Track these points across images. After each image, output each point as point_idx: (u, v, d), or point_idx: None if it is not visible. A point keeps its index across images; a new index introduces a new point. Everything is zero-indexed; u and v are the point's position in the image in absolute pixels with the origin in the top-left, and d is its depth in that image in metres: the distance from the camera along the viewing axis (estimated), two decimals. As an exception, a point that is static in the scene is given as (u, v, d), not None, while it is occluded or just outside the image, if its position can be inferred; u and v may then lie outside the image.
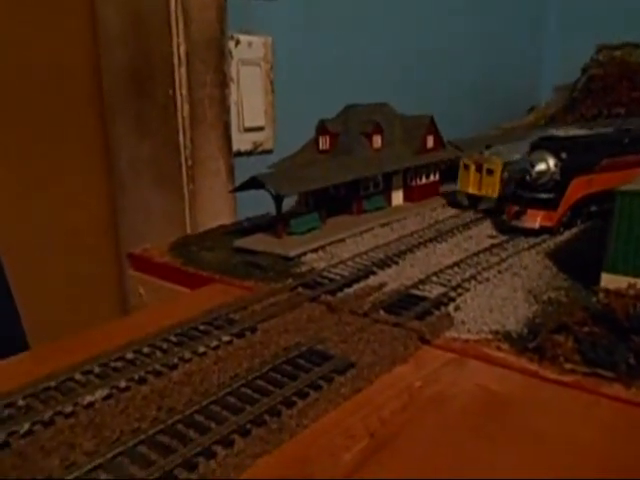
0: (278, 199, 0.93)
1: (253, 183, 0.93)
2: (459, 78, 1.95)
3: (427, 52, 1.80)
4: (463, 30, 1.95)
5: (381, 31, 1.66)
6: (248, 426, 0.50)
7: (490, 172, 1.08)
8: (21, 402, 0.52)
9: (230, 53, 1.30)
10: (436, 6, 1.84)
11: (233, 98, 1.32)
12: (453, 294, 0.76)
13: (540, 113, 1.99)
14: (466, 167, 1.12)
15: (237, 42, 1.31)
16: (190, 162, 1.25)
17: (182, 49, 1.19)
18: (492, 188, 1.08)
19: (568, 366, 0.61)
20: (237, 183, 1.26)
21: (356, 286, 0.80)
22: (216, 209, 1.30)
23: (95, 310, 1.40)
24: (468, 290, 0.78)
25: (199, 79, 1.24)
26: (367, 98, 1.18)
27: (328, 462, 0.48)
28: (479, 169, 1.09)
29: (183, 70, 1.21)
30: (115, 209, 1.41)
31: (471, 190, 1.12)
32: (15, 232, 1.22)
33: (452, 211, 1.16)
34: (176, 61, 1.21)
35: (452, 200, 1.21)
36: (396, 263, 0.88)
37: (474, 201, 1.14)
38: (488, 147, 1.14)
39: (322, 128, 1.11)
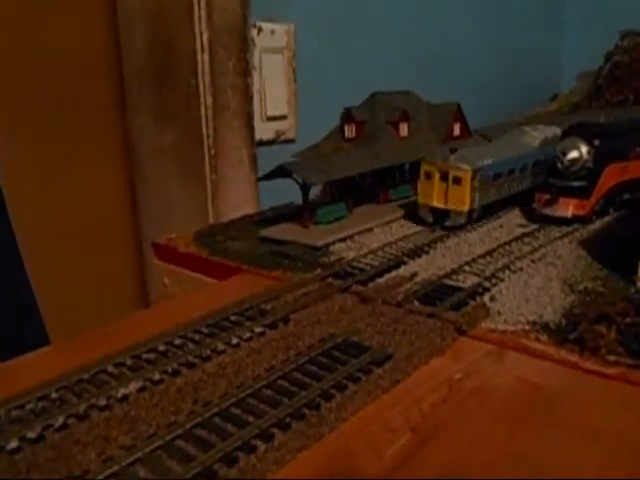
0: (305, 188, 0.91)
1: (280, 172, 0.91)
2: (480, 66, 1.92)
3: (452, 39, 1.77)
4: (486, 17, 1.92)
5: (407, 18, 1.63)
6: (287, 420, 0.48)
7: (457, 181, 0.89)
8: (54, 395, 0.51)
9: (252, 41, 1.28)
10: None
11: (255, 87, 1.31)
12: (487, 284, 0.75)
13: (564, 101, 1.96)
14: (428, 175, 0.93)
15: (259, 30, 1.29)
16: (213, 152, 1.23)
17: (204, 36, 1.18)
18: (461, 200, 0.90)
19: (611, 358, 0.59)
20: (260, 173, 1.24)
21: (387, 276, 0.79)
22: (239, 199, 1.28)
23: (115, 300, 1.39)
24: (502, 280, 0.76)
25: (222, 67, 1.23)
26: (391, 86, 1.16)
27: (370, 457, 0.47)
28: (444, 177, 0.91)
29: (206, 58, 1.20)
30: (136, 198, 1.39)
31: (436, 203, 0.92)
32: (34, 220, 1.22)
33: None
34: (198, 48, 1.19)
35: (412, 214, 1.01)
36: (426, 253, 0.86)
37: (440, 216, 0.93)
38: (453, 151, 0.94)
39: (348, 116, 1.09)
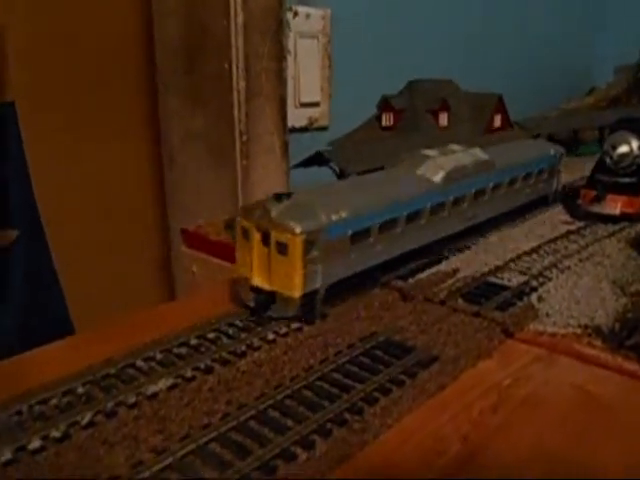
0: (343, 176, 0.88)
1: (316, 159, 0.88)
2: (517, 57, 1.87)
3: (489, 27, 1.72)
4: (525, 7, 1.86)
5: (444, 5, 1.58)
6: (328, 425, 0.45)
7: (283, 249, 0.59)
8: (80, 390, 0.48)
9: (288, 24, 1.24)
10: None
11: (289, 72, 1.27)
12: (535, 283, 0.71)
13: (601, 94, 1.89)
14: (245, 233, 0.62)
15: (295, 14, 1.25)
16: (245, 137, 1.20)
17: (239, 19, 1.14)
18: (289, 280, 0.59)
19: (673, 368, 0.55)
20: (291, 160, 1.21)
21: (428, 271, 0.75)
22: (269, 186, 1.24)
23: (140, 287, 1.37)
24: (550, 279, 0.72)
25: (256, 51, 1.19)
26: (427, 74, 1.12)
27: (420, 468, 0.43)
28: (265, 240, 0.60)
29: (240, 41, 1.16)
30: (164, 181, 1.37)
31: (256, 281, 0.62)
32: (60, 201, 1.19)
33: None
34: (233, 32, 1.16)
35: (233, 295, 0.68)
36: (468, 248, 0.82)
37: (264, 300, 0.61)
38: (278, 198, 0.61)
39: (386, 104, 1.06)
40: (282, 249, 0.58)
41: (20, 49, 1.10)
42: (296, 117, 1.31)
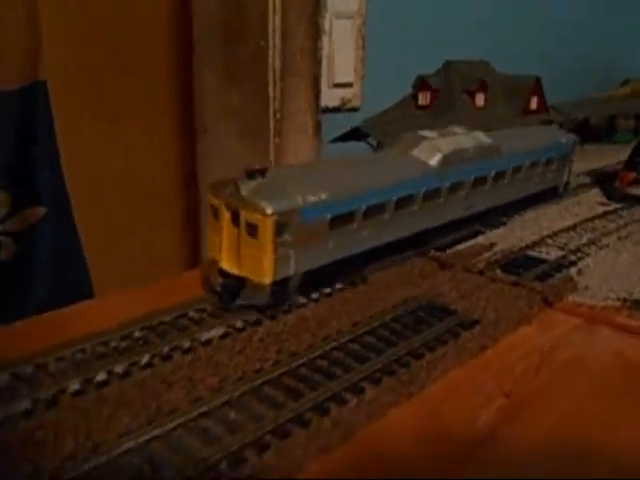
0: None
1: (354, 134, 0.89)
2: (555, 42, 1.85)
3: (531, 13, 1.70)
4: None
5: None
6: (377, 375, 0.46)
7: (253, 229, 0.53)
8: (137, 334, 0.49)
9: (325, 5, 1.25)
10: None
11: (324, 52, 1.28)
12: (573, 258, 0.71)
13: (637, 85, 1.88)
14: (215, 213, 0.57)
15: (332, -7, 1.26)
16: (278, 115, 1.21)
17: (278, -2, 1.15)
18: (259, 264, 0.53)
19: None
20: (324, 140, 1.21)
21: (465, 244, 0.76)
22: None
23: (166, 262, 1.38)
24: (589, 255, 0.73)
25: (292, 30, 1.20)
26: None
27: (464, 420, 0.44)
28: (236, 220, 0.55)
29: (277, 20, 1.17)
30: (195, 157, 1.38)
31: (225, 265, 0.56)
32: (88, 174, 1.20)
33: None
34: (270, 10, 1.17)
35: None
36: (504, 224, 0.83)
37: (233, 286, 0.56)
38: (251, 176, 0.55)
39: (422, 83, 1.06)
40: (252, 230, 0.52)
41: (54, 26, 1.11)
42: (329, 97, 1.32)
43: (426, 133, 0.72)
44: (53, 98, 1.01)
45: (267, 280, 0.53)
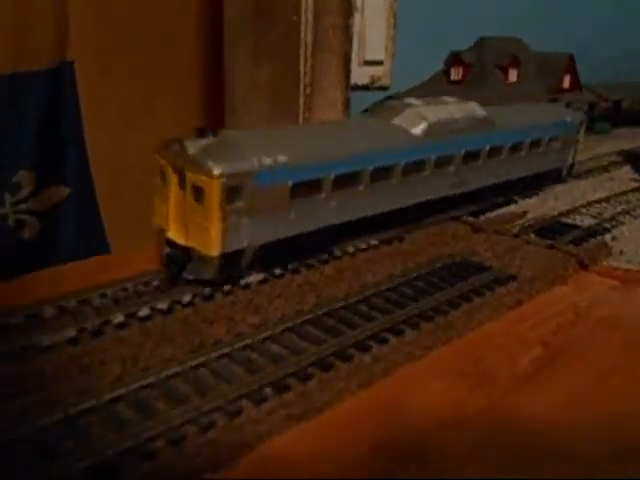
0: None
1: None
2: (591, 23, 1.83)
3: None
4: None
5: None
6: (416, 320, 0.46)
7: (199, 193, 0.46)
8: (178, 276, 0.50)
9: (357, -19, 1.25)
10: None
11: (356, 29, 1.28)
12: (607, 225, 0.71)
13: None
14: (163, 175, 0.50)
15: (365, -31, 1.26)
16: (309, 90, 1.21)
17: (311, -29, 1.15)
18: (206, 233, 0.46)
19: None
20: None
21: (497, 211, 0.76)
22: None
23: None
24: (623, 223, 0.73)
25: (325, 6, 1.20)
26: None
27: (505, 362, 0.44)
28: (182, 181, 0.48)
29: (310, -5, 1.17)
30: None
31: (172, 234, 0.50)
32: (118, 151, 1.21)
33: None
34: (303, -16, 1.17)
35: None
36: (536, 194, 0.83)
37: (179, 258, 0.49)
38: (203, 132, 0.49)
39: (455, 59, 1.06)
40: (198, 195, 0.45)
41: (82, 4, 1.11)
42: (359, 75, 1.31)
43: (412, 100, 0.67)
44: (81, 80, 1.02)
45: (214, 252, 0.46)
